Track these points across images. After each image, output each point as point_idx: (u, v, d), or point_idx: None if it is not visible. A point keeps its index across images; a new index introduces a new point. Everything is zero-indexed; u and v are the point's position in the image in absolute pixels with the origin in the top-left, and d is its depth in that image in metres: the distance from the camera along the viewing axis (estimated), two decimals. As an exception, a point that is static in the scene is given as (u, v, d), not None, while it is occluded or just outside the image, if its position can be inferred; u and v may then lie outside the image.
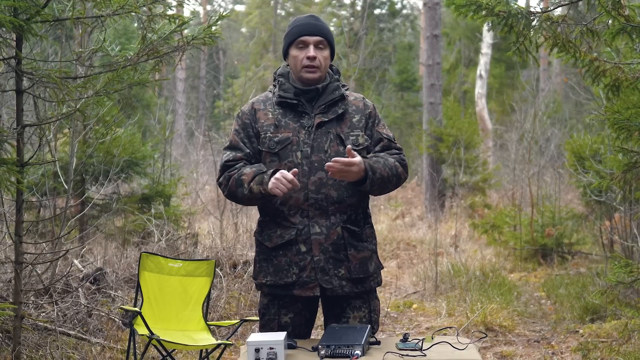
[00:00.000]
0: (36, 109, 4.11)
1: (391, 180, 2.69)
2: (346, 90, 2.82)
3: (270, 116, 2.73)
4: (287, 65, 2.82)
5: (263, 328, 2.76)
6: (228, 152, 2.75)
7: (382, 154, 2.73)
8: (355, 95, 2.84)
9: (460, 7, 3.26)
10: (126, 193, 7.56)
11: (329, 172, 2.56)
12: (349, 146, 2.58)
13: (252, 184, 2.63)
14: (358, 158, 2.58)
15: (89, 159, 6.42)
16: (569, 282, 6.59)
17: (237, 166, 2.71)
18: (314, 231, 2.64)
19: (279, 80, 2.78)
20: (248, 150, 2.73)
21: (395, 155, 2.75)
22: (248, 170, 2.66)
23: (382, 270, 2.83)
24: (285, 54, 2.78)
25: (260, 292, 2.81)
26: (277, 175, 2.56)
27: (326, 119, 2.70)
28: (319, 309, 2.85)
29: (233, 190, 2.68)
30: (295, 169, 2.58)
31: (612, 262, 3.92)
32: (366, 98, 2.86)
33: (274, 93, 2.79)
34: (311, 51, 2.70)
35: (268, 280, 2.71)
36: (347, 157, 2.57)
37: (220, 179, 2.74)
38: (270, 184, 2.56)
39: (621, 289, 4.62)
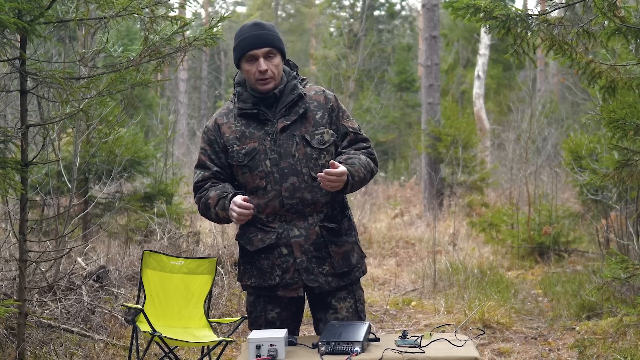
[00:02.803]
0: (40, 109, 4.14)
1: (366, 179, 2.70)
2: (305, 84, 2.78)
3: (234, 128, 2.71)
4: None
5: (252, 325, 2.79)
6: (197, 172, 2.76)
7: (352, 151, 2.71)
8: (315, 89, 2.78)
9: (458, 10, 3.30)
10: (129, 192, 7.60)
11: (321, 183, 2.55)
12: (332, 161, 2.55)
13: (217, 208, 2.66)
14: (342, 167, 2.56)
15: (92, 159, 6.46)
16: (565, 280, 6.64)
17: (205, 186, 2.72)
18: (293, 234, 2.66)
19: (237, 91, 2.75)
20: (215, 169, 2.72)
21: (364, 151, 2.74)
22: (212, 193, 2.67)
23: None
24: (238, 66, 2.74)
25: (246, 291, 2.84)
26: (232, 205, 2.57)
27: (289, 122, 2.68)
28: (306, 303, 2.85)
29: (204, 213, 2.72)
30: (245, 197, 2.58)
31: (609, 258, 3.97)
32: (326, 90, 2.81)
33: (234, 104, 2.76)
34: (262, 65, 2.64)
35: (252, 282, 2.74)
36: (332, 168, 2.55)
37: (195, 199, 2.76)
38: (230, 212, 2.59)
39: (617, 284, 4.68)
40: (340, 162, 2.63)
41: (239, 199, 2.57)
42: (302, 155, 2.67)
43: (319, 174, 2.55)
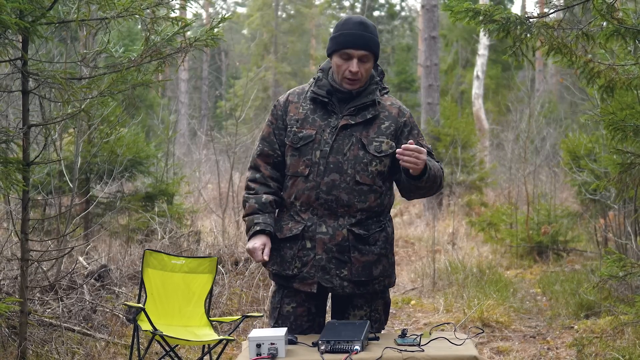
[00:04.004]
0: (42, 109, 4.15)
1: (437, 182, 2.67)
2: (385, 93, 2.79)
3: (301, 110, 2.74)
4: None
5: (270, 316, 2.83)
6: (260, 144, 2.80)
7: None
8: (393, 101, 2.78)
9: (457, 14, 3.32)
10: (130, 191, 7.63)
11: (400, 160, 2.52)
12: (410, 141, 2.52)
13: (245, 218, 2.76)
14: (421, 149, 2.53)
15: (93, 158, 6.48)
16: (564, 279, 6.67)
17: (256, 189, 2.77)
18: (320, 230, 2.68)
19: (317, 75, 2.77)
20: (277, 143, 2.76)
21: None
22: (253, 202, 2.75)
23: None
24: (329, 55, 2.74)
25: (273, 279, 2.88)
26: (251, 246, 2.67)
27: (352, 122, 2.68)
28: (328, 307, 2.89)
29: (243, 205, 2.83)
30: (265, 258, 2.66)
31: (606, 256, 4.00)
32: (403, 105, 2.81)
33: (310, 86, 2.78)
34: (354, 66, 2.64)
35: (274, 269, 2.77)
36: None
37: (245, 188, 2.83)
38: (248, 245, 2.70)
39: (613, 282, 4.70)
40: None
41: (259, 252, 2.66)
42: (352, 156, 2.67)
43: (397, 150, 2.51)
